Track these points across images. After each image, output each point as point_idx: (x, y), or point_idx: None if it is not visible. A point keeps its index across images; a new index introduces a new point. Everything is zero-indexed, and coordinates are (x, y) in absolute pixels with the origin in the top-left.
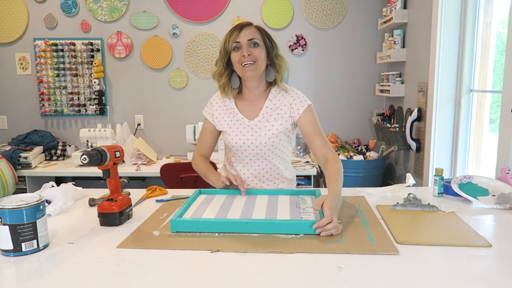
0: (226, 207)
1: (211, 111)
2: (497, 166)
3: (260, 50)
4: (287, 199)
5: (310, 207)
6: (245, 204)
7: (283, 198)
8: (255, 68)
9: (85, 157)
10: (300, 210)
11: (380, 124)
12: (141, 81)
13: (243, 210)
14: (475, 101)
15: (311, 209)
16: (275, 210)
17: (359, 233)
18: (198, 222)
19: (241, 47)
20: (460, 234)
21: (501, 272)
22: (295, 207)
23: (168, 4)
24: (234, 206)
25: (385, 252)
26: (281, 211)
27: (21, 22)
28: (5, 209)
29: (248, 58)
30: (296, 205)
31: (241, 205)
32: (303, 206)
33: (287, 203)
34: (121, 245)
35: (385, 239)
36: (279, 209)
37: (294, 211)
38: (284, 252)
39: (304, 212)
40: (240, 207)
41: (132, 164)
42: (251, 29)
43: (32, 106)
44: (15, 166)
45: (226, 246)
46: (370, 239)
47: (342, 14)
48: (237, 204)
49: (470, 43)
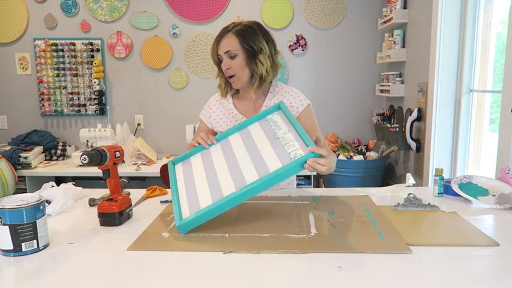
0: (212, 173)
1: (208, 113)
2: (497, 166)
3: (237, 61)
4: (259, 129)
5: (287, 132)
6: (225, 156)
7: (254, 129)
8: (237, 80)
9: (85, 157)
10: (281, 141)
11: (380, 124)
12: (141, 81)
13: (229, 168)
14: (475, 101)
15: (289, 134)
16: (257, 150)
17: (370, 233)
18: (203, 215)
19: (222, 59)
20: (465, 233)
21: (510, 271)
22: (274, 139)
23: (168, 4)
24: (218, 165)
25: (398, 251)
26: (262, 147)
27: (21, 22)
28: (5, 209)
29: (228, 72)
30: (274, 137)
31: (222, 160)
32: (280, 133)
33: (263, 134)
34: (131, 247)
35: (396, 238)
36: (259, 146)
37: (276, 145)
38: (297, 252)
39: (286, 143)
40: (223, 164)
41: (132, 164)
42: (229, 38)
43: (32, 106)
44: (15, 166)
45: (238, 247)
46: (381, 238)
47: (342, 14)
48: (218, 161)
49: (470, 43)
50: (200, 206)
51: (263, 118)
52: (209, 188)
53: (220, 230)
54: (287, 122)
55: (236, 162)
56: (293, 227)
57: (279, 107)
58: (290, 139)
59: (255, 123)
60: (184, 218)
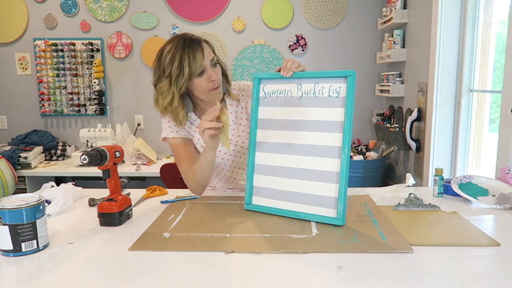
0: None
1: (173, 130)
2: (497, 166)
3: (219, 69)
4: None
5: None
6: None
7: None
8: (220, 90)
9: (85, 157)
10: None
11: (380, 124)
12: (141, 81)
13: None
14: (475, 101)
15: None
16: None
17: (371, 232)
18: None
19: (205, 70)
20: (466, 233)
21: (511, 271)
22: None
23: (168, 4)
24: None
25: (400, 250)
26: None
27: (21, 22)
28: (5, 209)
29: (217, 82)
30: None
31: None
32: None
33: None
34: (132, 247)
35: (397, 237)
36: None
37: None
38: (299, 252)
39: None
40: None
41: (132, 164)
42: (206, 47)
43: (32, 106)
44: (15, 166)
45: (239, 247)
46: (383, 237)
47: (342, 14)
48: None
49: (470, 43)
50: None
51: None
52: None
53: (221, 230)
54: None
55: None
56: (294, 227)
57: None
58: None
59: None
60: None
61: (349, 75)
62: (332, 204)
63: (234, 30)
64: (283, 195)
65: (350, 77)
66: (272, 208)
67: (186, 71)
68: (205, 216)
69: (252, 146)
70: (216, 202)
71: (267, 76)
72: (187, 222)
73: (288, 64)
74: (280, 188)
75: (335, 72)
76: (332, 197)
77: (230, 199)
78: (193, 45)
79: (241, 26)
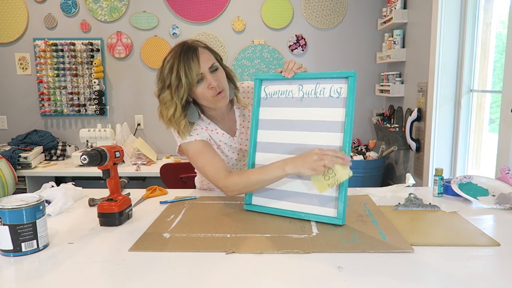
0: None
1: (193, 134)
2: (497, 166)
3: (221, 73)
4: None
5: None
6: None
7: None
8: (225, 95)
9: (85, 157)
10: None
11: (380, 124)
12: (141, 81)
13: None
14: (475, 101)
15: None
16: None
17: (371, 232)
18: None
19: (204, 78)
20: (466, 233)
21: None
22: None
23: (168, 4)
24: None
25: (400, 250)
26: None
27: (21, 22)
28: (5, 209)
29: (218, 87)
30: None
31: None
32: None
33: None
34: (132, 248)
35: (397, 237)
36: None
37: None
38: (300, 252)
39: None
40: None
41: (132, 164)
42: (204, 53)
43: (32, 106)
44: (15, 166)
45: (240, 247)
46: (383, 237)
47: (342, 14)
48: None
49: (470, 43)
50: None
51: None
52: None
53: (222, 230)
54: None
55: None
56: (295, 227)
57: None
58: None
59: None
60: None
61: (350, 76)
62: (333, 204)
63: (234, 30)
64: (283, 195)
65: (351, 78)
66: (272, 208)
67: (184, 81)
68: (205, 216)
69: (252, 146)
70: (216, 203)
71: (268, 77)
72: (187, 222)
73: (289, 65)
74: (280, 188)
75: (336, 72)
76: (333, 196)
77: (230, 199)
78: (188, 54)
79: (241, 26)
